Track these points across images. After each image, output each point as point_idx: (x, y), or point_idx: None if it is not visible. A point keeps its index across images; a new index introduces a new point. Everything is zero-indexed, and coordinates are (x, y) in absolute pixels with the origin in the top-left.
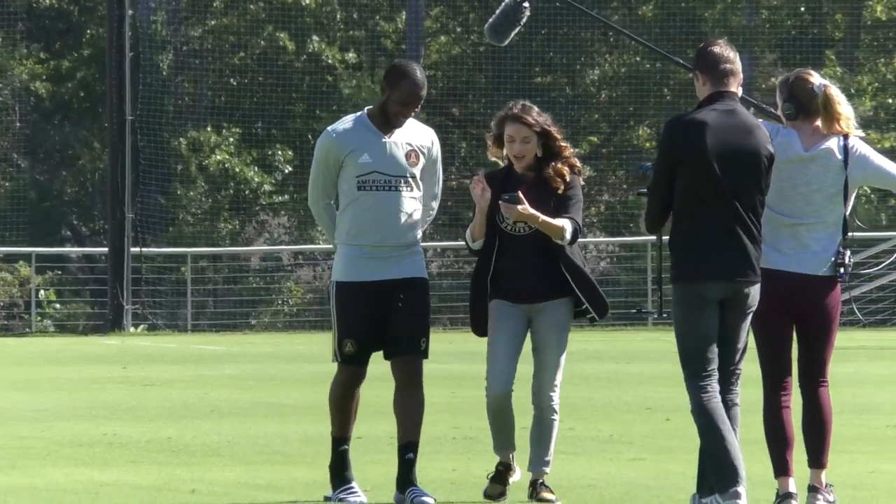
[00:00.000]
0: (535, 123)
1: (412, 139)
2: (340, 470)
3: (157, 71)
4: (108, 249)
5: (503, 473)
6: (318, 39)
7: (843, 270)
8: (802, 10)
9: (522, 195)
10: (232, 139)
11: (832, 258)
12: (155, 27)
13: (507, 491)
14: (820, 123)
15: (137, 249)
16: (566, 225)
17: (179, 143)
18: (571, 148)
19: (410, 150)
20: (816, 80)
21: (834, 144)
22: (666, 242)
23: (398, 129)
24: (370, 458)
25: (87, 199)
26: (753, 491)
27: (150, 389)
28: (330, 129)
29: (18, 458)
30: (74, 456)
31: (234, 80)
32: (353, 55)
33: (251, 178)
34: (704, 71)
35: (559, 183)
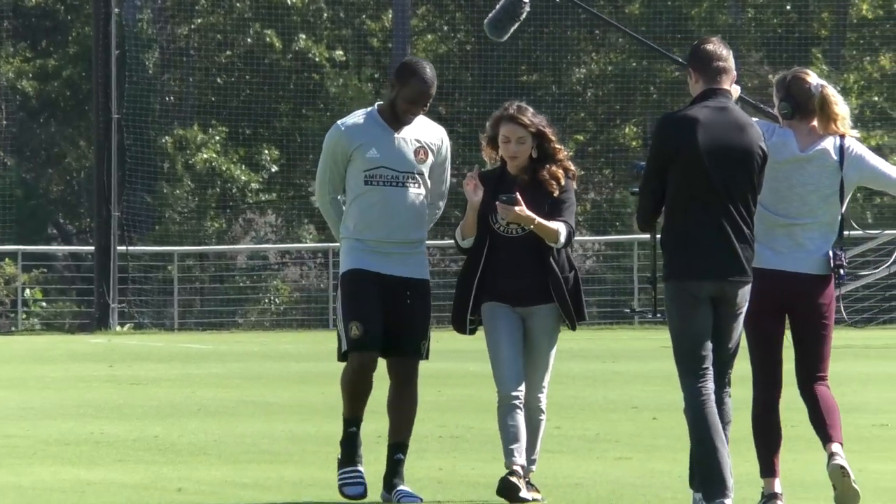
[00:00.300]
0: (530, 124)
1: (422, 136)
2: (349, 450)
3: (143, 69)
4: (94, 248)
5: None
6: (304, 38)
7: (842, 272)
8: (788, 8)
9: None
10: (218, 137)
11: (826, 258)
12: (141, 25)
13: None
14: (816, 123)
15: (124, 248)
16: (561, 228)
17: (166, 141)
18: (565, 151)
19: (419, 146)
20: (813, 79)
21: (830, 145)
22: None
23: (408, 125)
24: None
25: (73, 197)
26: (740, 490)
27: (136, 388)
28: (339, 122)
29: (5, 456)
30: (61, 454)
31: (220, 78)
32: (339, 54)
33: (238, 176)
34: (697, 68)
35: (554, 186)
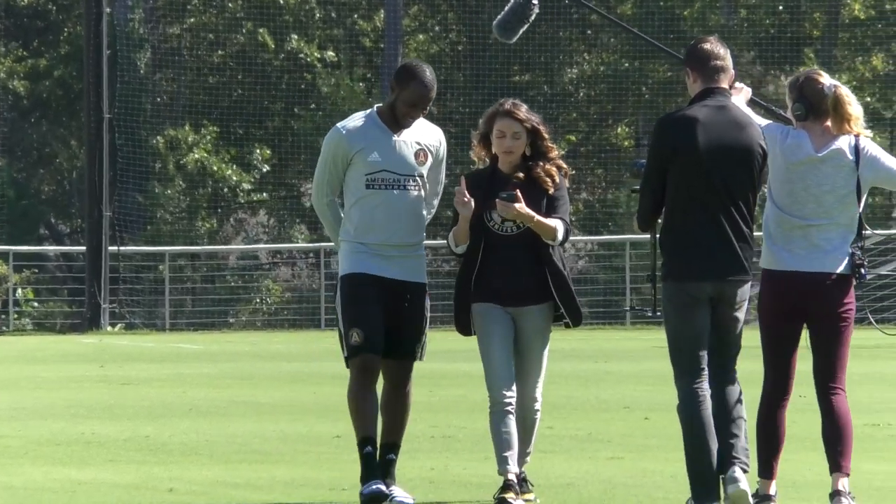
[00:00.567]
0: (526, 119)
1: (421, 138)
2: (367, 471)
3: (134, 69)
4: (85, 248)
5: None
6: (296, 38)
7: (863, 271)
8: (781, 8)
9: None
10: (210, 137)
11: (844, 257)
12: (132, 25)
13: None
14: (830, 124)
15: (115, 248)
16: (559, 226)
17: (157, 141)
18: (557, 150)
19: (419, 149)
20: (826, 80)
21: (845, 145)
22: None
23: (407, 128)
24: (349, 457)
25: (64, 197)
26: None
27: (127, 388)
28: (340, 125)
29: None
30: (52, 454)
31: (212, 78)
32: (331, 53)
33: (229, 176)
34: (695, 68)
35: (549, 184)
